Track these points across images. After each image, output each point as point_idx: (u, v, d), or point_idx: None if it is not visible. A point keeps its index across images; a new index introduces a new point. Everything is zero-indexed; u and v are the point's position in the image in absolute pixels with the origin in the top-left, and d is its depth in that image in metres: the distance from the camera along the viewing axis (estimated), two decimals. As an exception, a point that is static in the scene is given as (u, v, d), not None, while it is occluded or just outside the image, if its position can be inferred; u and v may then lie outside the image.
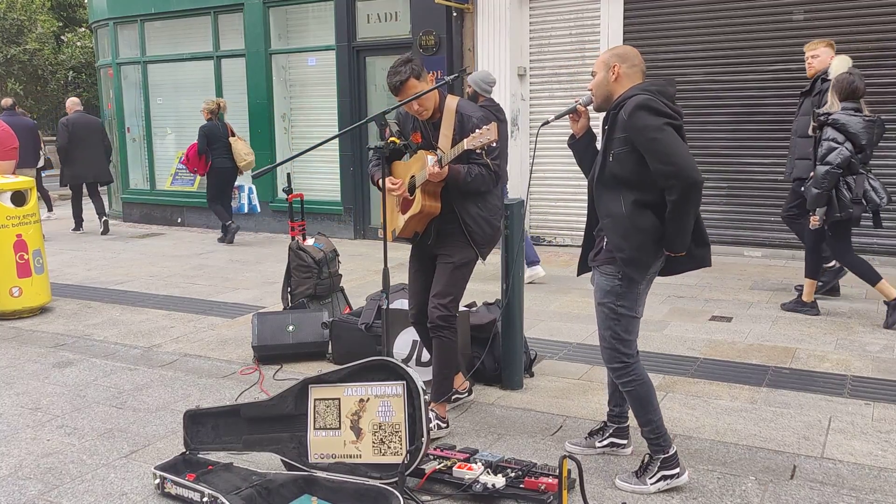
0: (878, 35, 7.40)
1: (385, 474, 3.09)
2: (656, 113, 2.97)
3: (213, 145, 9.53)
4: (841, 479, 3.29)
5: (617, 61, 3.14)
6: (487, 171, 3.68)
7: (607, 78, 3.15)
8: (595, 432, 3.60)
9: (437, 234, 3.81)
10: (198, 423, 3.46)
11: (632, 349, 3.21)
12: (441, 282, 3.78)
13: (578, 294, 6.61)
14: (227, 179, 9.79)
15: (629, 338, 3.20)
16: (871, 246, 7.58)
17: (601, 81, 3.18)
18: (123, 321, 6.13)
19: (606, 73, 3.15)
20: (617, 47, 3.25)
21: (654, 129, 2.95)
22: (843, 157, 5.32)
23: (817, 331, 5.38)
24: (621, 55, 3.16)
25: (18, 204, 6.22)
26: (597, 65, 3.21)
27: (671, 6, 8.20)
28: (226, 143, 9.58)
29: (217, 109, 9.65)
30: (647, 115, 2.96)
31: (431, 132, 3.77)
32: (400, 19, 9.52)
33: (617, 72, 3.13)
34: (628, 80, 3.14)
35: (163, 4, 11.30)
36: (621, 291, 3.14)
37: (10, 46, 20.00)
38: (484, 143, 3.47)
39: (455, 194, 3.71)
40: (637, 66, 3.15)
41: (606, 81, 3.16)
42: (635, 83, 3.13)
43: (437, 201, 3.72)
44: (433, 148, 3.73)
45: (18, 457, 3.70)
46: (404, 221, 3.79)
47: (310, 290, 5.53)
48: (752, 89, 7.93)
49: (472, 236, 3.76)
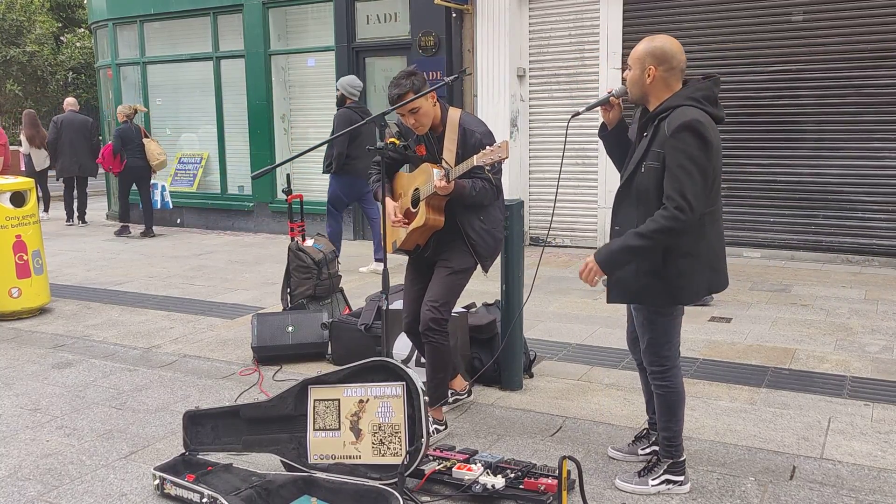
0: (878, 36, 7.40)
1: (384, 475, 3.09)
2: (701, 139, 2.84)
3: (128, 146, 10.40)
4: (840, 480, 3.29)
5: (653, 63, 2.95)
6: (490, 185, 3.68)
7: (642, 78, 2.99)
8: (638, 439, 3.56)
9: (438, 245, 3.80)
10: (197, 424, 3.46)
11: (672, 351, 3.15)
12: (436, 286, 3.77)
13: (578, 295, 6.61)
14: (140, 177, 10.58)
15: (669, 340, 3.14)
16: (871, 247, 7.59)
17: (636, 79, 3.02)
18: (123, 322, 6.13)
19: (641, 73, 2.98)
20: (656, 41, 2.98)
21: (688, 158, 2.84)
22: None
23: (817, 332, 5.38)
24: (659, 57, 2.95)
25: (18, 205, 6.22)
26: (632, 59, 3.02)
27: (670, 7, 8.21)
28: (139, 144, 10.45)
29: (133, 114, 10.55)
30: (692, 138, 2.84)
31: (435, 144, 3.76)
32: (399, 20, 9.53)
33: (652, 75, 2.96)
34: (664, 84, 2.97)
35: (162, 5, 11.30)
36: None
37: (10, 47, 20.00)
38: (495, 160, 3.42)
39: (458, 208, 3.70)
40: (676, 67, 2.96)
41: (641, 81, 3.00)
42: (673, 87, 2.99)
43: (441, 215, 3.70)
44: (437, 160, 3.71)
45: (18, 458, 3.70)
46: (406, 234, 3.77)
47: (309, 291, 5.52)
48: (752, 90, 7.94)
49: (476, 249, 3.76)
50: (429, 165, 3.68)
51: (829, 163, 7.72)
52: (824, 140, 7.74)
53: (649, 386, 3.30)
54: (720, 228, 3.08)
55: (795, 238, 7.92)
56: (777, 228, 8.01)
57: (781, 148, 7.92)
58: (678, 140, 2.85)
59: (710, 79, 3.02)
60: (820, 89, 7.68)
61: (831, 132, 7.70)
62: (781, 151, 7.93)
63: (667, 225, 2.86)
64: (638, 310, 3.17)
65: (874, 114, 7.49)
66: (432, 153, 3.76)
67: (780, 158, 7.93)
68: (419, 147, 3.78)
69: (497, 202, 3.83)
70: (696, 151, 2.86)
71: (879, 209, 7.55)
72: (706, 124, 2.89)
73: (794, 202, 7.90)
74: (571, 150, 8.55)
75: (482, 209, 3.74)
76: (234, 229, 11.16)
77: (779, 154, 7.94)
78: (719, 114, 2.97)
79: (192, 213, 11.58)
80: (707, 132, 2.87)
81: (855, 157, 7.61)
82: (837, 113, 7.65)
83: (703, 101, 2.94)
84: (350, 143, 7.24)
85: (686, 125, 2.85)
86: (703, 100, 2.95)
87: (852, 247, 7.68)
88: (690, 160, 2.85)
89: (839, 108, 7.63)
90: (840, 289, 6.61)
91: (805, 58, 7.70)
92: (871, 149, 7.53)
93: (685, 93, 2.96)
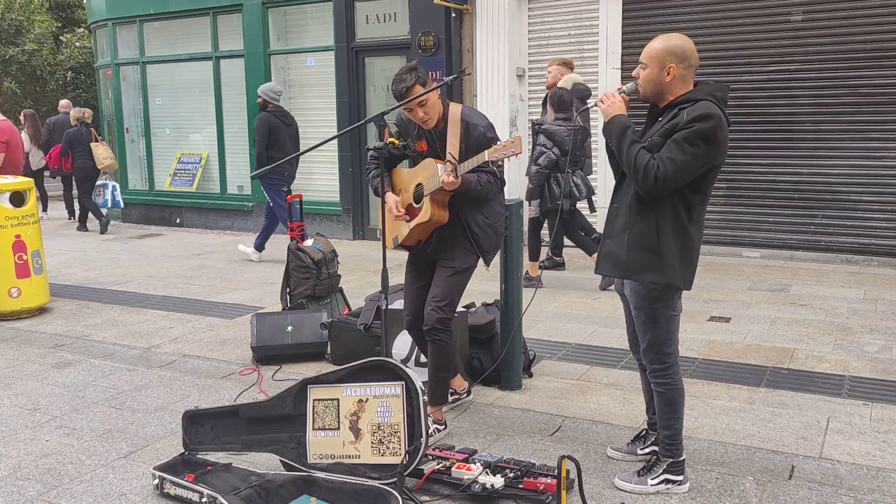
0: (874, 36, 7.41)
1: (384, 475, 3.09)
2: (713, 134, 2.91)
3: (77, 148, 10.91)
4: (839, 480, 3.30)
5: (674, 62, 3.00)
6: (495, 178, 3.70)
7: (661, 76, 3.03)
8: (638, 439, 3.57)
9: (440, 240, 3.79)
10: (197, 424, 3.46)
11: (672, 347, 3.18)
12: (440, 285, 3.76)
13: (577, 295, 6.62)
14: (85, 177, 10.99)
15: (669, 337, 3.17)
16: (870, 246, 7.60)
17: (653, 78, 3.05)
18: (122, 322, 6.13)
19: (660, 71, 3.02)
20: (673, 39, 3.05)
21: (693, 144, 2.90)
22: (549, 159, 6.47)
23: (816, 331, 5.39)
24: (679, 55, 3.01)
25: (17, 204, 6.22)
26: (649, 58, 3.05)
27: (669, 7, 8.21)
28: (88, 147, 10.90)
29: (82, 118, 11.11)
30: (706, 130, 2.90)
31: (437, 140, 3.75)
32: (399, 20, 9.53)
33: (673, 73, 3.01)
34: (682, 81, 3.03)
35: (161, 5, 11.30)
36: (657, 295, 3.11)
37: (9, 47, 19.99)
38: (507, 155, 3.39)
39: (462, 203, 3.70)
40: (694, 65, 3.04)
41: (659, 80, 3.04)
42: (689, 84, 3.05)
43: (446, 210, 3.70)
44: (440, 156, 3.70)
45: (17, 457, 3.70)
46: (409, 229, 3.76)
47: (309, 291, 5.53)
48: (750, 90, 7.94)
49: (479, 244, 3.76)
50: (432, 161, 3.66)
51: (828, 162, 7.72)
52: (823, 140, 7.74)
53: (650, 386, 3.31)
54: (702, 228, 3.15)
55: (794, 238, 7.93)
56: (776, 228, 8.01)
57: (780, 148, 7.93)
58: (693, 126, 2.92)
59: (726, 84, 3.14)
60: (817, 89, 7.68)
61: (829, 132, 7.71)
62: (780, 151, 7.93)
63: (642, 171, 2.94)
64: (639, 309, 3.18)
65: (871, 113, 7.50)
66: (434, 148, 3.75)
67: (779, 158, 7.93)
68: (420, 143, 3.77)
69: (499, 196, 3.84)
70: (703, 144, 2.92)
71: (878, 209, 7.56)
72: (723, 124, 2.97)
73: (793, 202, 7.91)
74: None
75: (485, 204, 3.75)
76: (234, 229, 11.16)
77: (777, 154, 7.94)
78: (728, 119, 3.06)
79: (192, 213, 11.58)
80: (721, 131, 2.95)
81: (854, 156, 7.61)
82: (835, 113, 7.65)
83: (721, 101, 3.03)
84: (271, 146, 8.04)
85: (706, 116, 2.92)
86: (722, 101, 3.04)
87: (851, 246, 7.68)
88: (694, 146, 2.91)
89: (836, 108, 7.64)
90: (839, 288, 6.61)
91: (802, 58, 7.71)
92: (870, 148, 7.54)
93: (708, 90, 3.04)
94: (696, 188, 3.02)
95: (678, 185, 2.97)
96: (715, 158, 2.99)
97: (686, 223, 3.04)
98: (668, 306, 3.13)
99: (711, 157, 2.96)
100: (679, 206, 3.03)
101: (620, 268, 3.14)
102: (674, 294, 3.13)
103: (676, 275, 3.05)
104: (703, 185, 3.04)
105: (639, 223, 3.07)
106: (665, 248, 3.03)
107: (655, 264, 3.05)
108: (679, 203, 3.03)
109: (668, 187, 2.95)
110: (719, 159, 3.01)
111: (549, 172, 6.49)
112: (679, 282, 3.07)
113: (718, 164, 3.04)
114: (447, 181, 3.49)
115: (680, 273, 3.07)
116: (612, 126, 3.10)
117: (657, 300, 3.11)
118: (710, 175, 3.03)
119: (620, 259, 3.12)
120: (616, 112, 3.11)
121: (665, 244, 3.03)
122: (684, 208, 3.03)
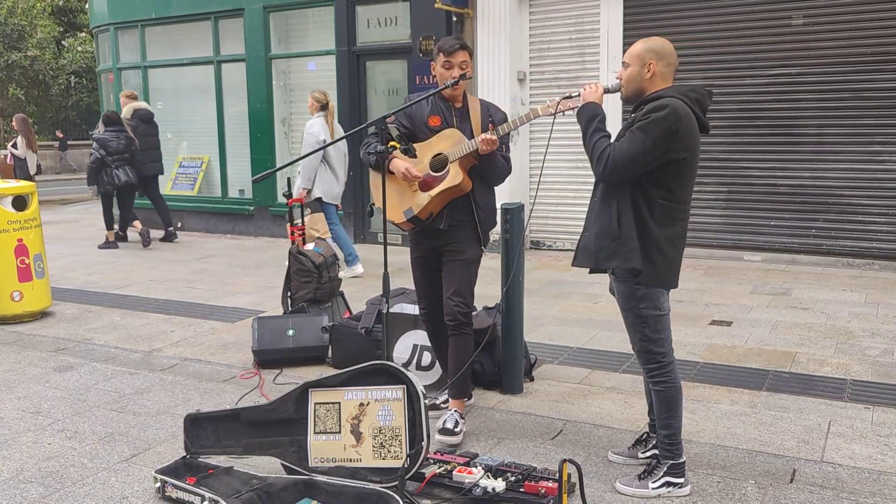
0: (878, 39, 7.41)
1: (385, 478, 3.09)
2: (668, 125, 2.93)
3: None
4: (840, 483, 3.29)
5: (653, 58, 3.08)
6: (508, 163, 3.92)
7: (641, 74, 3.10)
8: (638, 442, 3.57)
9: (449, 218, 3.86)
10: (198, 427, 3.47)
11: (665, 347, 3.20)
12: (457, 279, 3.86)
13: (578, 298, 6.62)
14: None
15: (660, 336, 3.18)
16: (871, 250, 7.59)
17: (634, 76, 3.12)
18: (124, 325, 6.14)
19: (641, 68, 3.10)
20: (653, 40, 3.15)
21: (641, 129, 2.96)
22: (93, 157, 9.41)
23: (817, 335, 5.38)
24: (659, 52, 3.09)
25: (19, 208, 6.23)
26: (630, 57, 3.14)
27: (671, 10, 8.22)
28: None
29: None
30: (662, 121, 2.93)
31: (457, 116, 3.89)
32: (400, 24, 9.54)
33: (653, 70, 3.08)
34: (662, 79, 3.10)
35: (163, 9, 11.33)
36: (641, 294, 3.13)
37: (12, 52, 20.04)
38: (571, 107, 3.42)
39: (476, 181, 3.84)
40: (673, 63, 3.11)
41: (640, 77, 3.11)
42: (668, 83, 3.11)
43: (470, 179, 3.81)
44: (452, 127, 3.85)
45: (19, 460, 3.71)
46: (430, 198, 3.77)
47: (310, 295, 5.53)
48: (751, 93, 7.95)
49: (482, 225, 3.91)
50: (455, 130, 3.80)
51: (830, 166, 7.73)
52: (824, 143, 7.75)
53: None
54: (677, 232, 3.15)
55: (796, 241, 7.93)
56: (777, 232, 8.01)
57: (782, 151, 7.93)
58: (649, 116, 2.97)
59: (706, 88, 3.16)
60: (820, 93, 7.69)
61: (831, 135, 7.71)
62: (782, 155, 7.93)
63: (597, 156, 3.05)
64: (626, 310, 3.21)
65: (874, 117, 7.50)
66: (449, 124, 3.86)
67: (781, 162, 7.94)
68: (433, 118, 3.87)
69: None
70: (656, 132, 2.95)
71: (879, 212, 7.56)
72: (682, 117, 2.97)
73: (794, 205, 7.91)
74: (570, 152, 8.53)
75: (489, 189, 3.94)
76: (235, 233, 11.17)
77: (779, 157, 7.94)
78: (705, 122, 3.07)
79: (193, 217, 11.59)
80: (679, 124, 2.95)
81: (855, 160, 7.62)
82: (837, 116, 7.66)
83: (693, 102, 3.04)
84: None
85: (662, 107, 2.96)
86: (694, 102, 3.05)
87: (853, 250, 7.68)
88: (645, 135, 2.96)
89: (839, 112, 7.64)
90: (840, 292, 6.61)
91: (805, 61, 7.71)
92: (872, 152, 7.54)
93: (680, 89, 3.08)
94: (656, 181, 3.04)
95: (631, 174, 3.01)
96: (672, 152, 2.98)
97: (647, 217, 3.07)
98: (654, 306, 3.15)
99: (666, 149, 2.97)
100: (638, 198, 3.07)
101: (590, 257, 3.20)
102: (657, 293, 3.15)
103: (639, 259, 3.07)
104: (663, 179, 3.04)
105: (603, 213, 3.15)
106: (626, 234, 3.08)
107: (618, 250, 3.09)
108: (638, 194, 3.07)
109: (618, 173, 3.01)
110: (680, 154, 3.00)
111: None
112: (640, 266, 3.08)
113: (680, 161, 3.02)
114: (488, 138, 3.63)
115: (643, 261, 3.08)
116: (584, 110, 3.21)
117: (642, 300, 3.14)
118: (670, 170, 3.03)
119: (590, 248, 3.19)
120: (592, 99, 3.21)
121: (626, 231, 3.08)
122: (644, 201, 3.07)
